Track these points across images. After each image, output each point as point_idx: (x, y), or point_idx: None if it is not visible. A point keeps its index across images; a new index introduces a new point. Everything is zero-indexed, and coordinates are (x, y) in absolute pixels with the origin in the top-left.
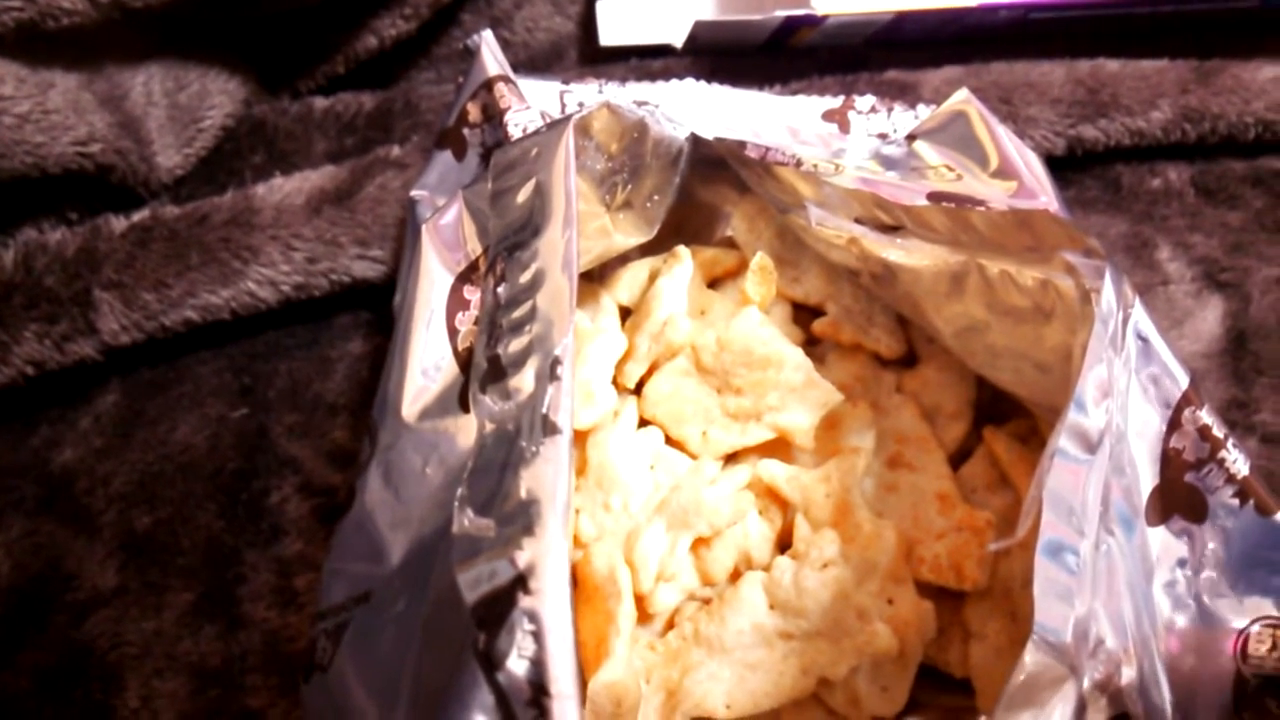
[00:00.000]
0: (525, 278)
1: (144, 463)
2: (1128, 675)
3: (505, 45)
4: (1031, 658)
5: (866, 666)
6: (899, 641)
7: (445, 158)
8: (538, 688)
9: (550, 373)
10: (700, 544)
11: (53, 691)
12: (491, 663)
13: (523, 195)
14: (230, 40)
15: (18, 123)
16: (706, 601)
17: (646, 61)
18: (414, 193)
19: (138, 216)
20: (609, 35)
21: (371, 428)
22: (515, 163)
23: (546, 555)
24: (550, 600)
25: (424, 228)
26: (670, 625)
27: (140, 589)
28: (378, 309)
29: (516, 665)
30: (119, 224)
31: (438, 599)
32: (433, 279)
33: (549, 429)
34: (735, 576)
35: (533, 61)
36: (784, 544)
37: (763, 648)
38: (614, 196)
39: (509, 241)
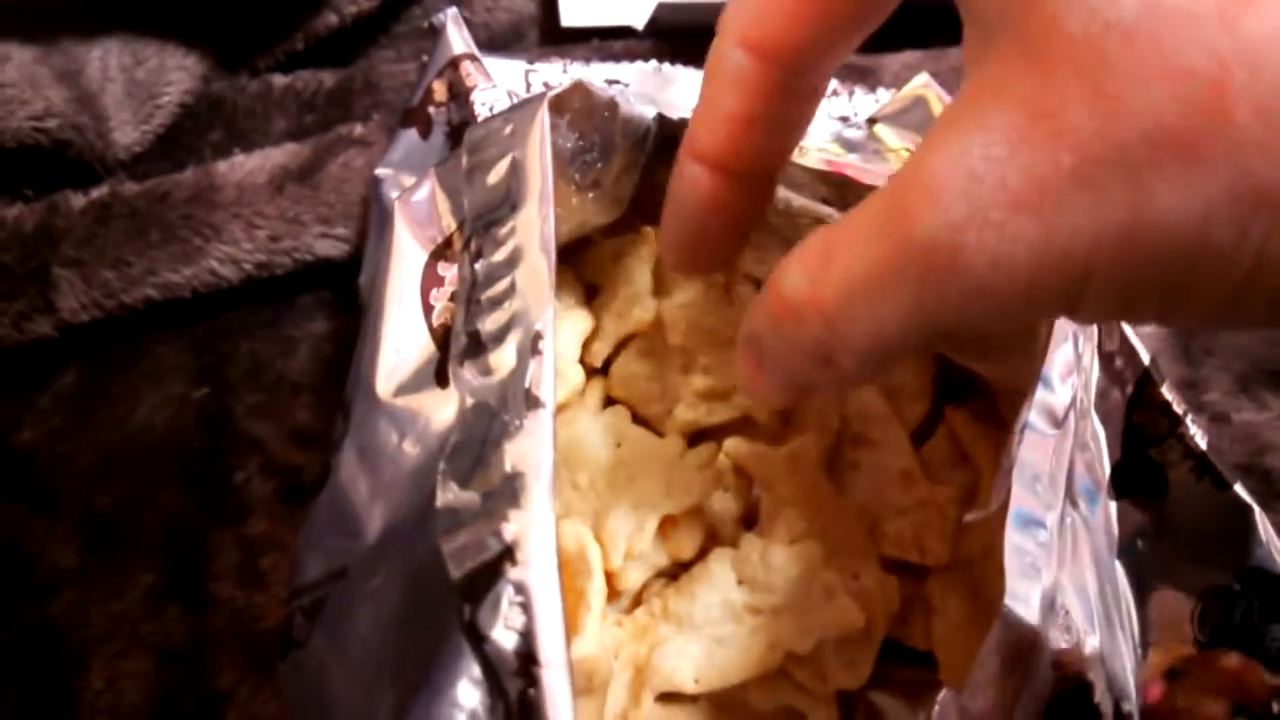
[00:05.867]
0: (503, 254)
1: (104, 442)
2: (1091, 645)
3: (465, 24)
4: (1001, 629)
5: (832, 641)
6: (864, 616)
7: (410, 136)
8: (526, 658)
9: (532, 347)
10: (668, 522)
11: (15, 674)
12: (478, 635)
13: (499, 172)
14: (188, 16)
15: None
16: (674, 578)
17: (608, 43)
18: (379, 171)
19: (97, 193)
20: (570, 16)
21: (345, 405)
22: (490, 139)
23: (533, 527)
24: (538, 571)
25: (396, 205)
26: (638, 602)
27: (102, 570)
28: (340, 288)
29: (504, 637)
30: (78, 200)
31: (419, 573)
32: (406, 256)
33: (532, 403)
34: (703, 554)
35: (492, 41)
36: (751, 521)
37: (731, 623)
38: (584, 175)
39: (485, 219)
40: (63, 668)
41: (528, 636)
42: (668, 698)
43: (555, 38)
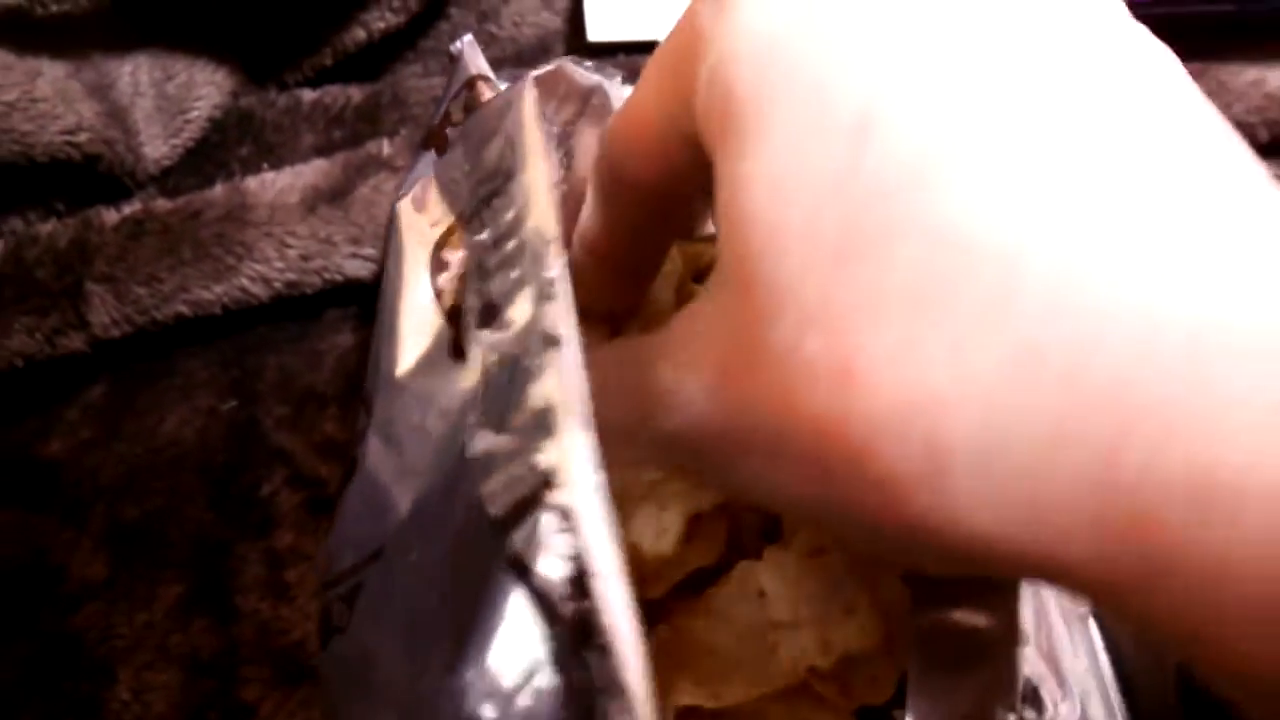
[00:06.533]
0: (508, 218)
1: (132, 455)
2: (1069, 709)
3: (492, 40)
4: None
5: (855, 655)
6: (886, 629)
7: (429, 157)
8: (577, 579)
9: (547, 294)
10: (690, 532)
11: (42, 684)
12: (523, 566)
13: (494, 149)
14: (218, 32)
15: (6, 110)
16: (697, 591)
17: (634, 58)
18: (401, 192)
19: (130, 209)
20: (597, 31)
21: (366, 399)
22: (483, 124)
23: (570, 452)
24: (580, 491)
25: (400, 201)
26: (660, 616)
27: (130, 581)
28: (366, 304)
29: (551, 565)
30: (110, 216)
31: (457, 530)
32: (413, 247)
33: (551, 342)
34: (725, 566)
35: (520, 56)
36: (773, 534)
37: (752, 637)
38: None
39: (484, 191)
40: (89, 679)
41: (577, 557)
42: (688, 712)
43: (582, 53)
